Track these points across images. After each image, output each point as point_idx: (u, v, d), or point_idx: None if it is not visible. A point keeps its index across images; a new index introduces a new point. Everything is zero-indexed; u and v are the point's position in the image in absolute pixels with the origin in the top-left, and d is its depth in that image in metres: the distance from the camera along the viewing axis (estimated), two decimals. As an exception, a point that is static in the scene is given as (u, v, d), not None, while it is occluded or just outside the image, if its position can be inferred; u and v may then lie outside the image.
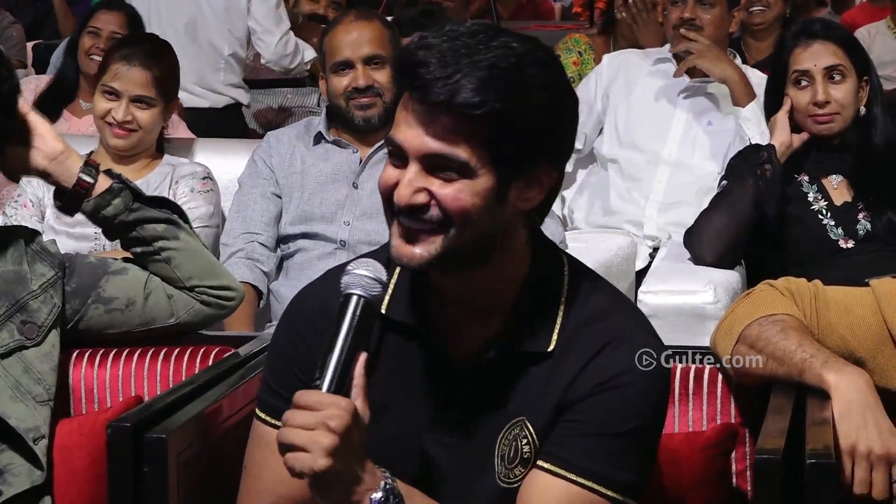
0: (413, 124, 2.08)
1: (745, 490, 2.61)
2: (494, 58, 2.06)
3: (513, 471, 2.19)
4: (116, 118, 4.13)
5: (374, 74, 4.00)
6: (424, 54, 2.06)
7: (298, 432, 1.95)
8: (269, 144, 4.17)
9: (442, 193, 2.08)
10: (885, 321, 2.54)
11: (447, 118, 2.06)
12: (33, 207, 4.14)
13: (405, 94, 2.11)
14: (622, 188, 4.77)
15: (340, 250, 3.92)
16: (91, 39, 5.10)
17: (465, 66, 2.04)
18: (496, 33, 2.11)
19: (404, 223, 2.10)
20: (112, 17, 5.14)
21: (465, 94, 2.03)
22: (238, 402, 2.62)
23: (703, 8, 4.75)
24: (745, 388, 2.60)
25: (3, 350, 2.65)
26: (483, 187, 2.09)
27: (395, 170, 2.11)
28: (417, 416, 2.20)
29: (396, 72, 2.14)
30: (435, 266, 2.11)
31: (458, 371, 2.21)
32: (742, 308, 2.63)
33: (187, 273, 2.84)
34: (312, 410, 1.95)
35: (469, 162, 2.07)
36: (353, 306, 2.01)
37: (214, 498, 2.42)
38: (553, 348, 2.19)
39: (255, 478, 2.28)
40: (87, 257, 2.86)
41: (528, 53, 2.10)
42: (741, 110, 4.52)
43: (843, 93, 3.92)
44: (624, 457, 2.16)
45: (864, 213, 3.91)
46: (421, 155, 2.08)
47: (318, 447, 1.94)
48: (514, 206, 2.13)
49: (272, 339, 2.36)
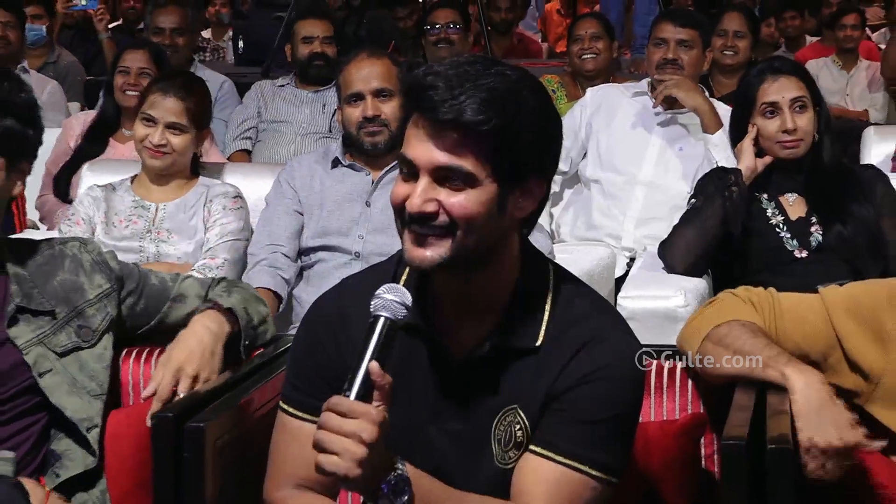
0: (423, 140, 2.10)
1: (713, 471, 2.61)
2: (493, 82, 2.08)
3: (508, 453, 2.20)
4: (153, 142, 4.15)
5: (382, 106, 4.01)
6: (433, 79, 2.08)
7: (333, 438, 1.95)
8: (292, 168, 4.19)
9: (449, 202, 2.09)
10: (833, 327, 2.53)
11: (454, 134, 2.08)
12: (85, 224, 4.14)
13: (415, 115, 2.12)
14: (603, 205, 4.77)
15: (355, 261, 3.93)
16: (122, 77, 5.10)
17: (468, 88, 2.07)
18: (492, 63, 2.14)
19: (416, 230, 2.12)
20: (138, 56, 5.13)
21: (470, 113, 2.06)
22: (266, 395, 2.62)
23: (682, 49, 4.82)
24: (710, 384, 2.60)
25: (61, 350, 2.65)
26: (486, 196, 2.10)
27: (406, 184, 2.13)
28: (421, 406, 2.21)
29: (407, 95, 2.15)
30: (443, 267, 2.12)
31: (456, 365, 2.22)
32: (710, 312, 2.62)
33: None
34: (346, 417, 1.96)
35: (473, 172, 2.09)
36: (381, 327, 2.03)
37: (246, 479, 2.42)
38: (540, 344, 2.20)
39: (279, 462, 2.30)
40: (149, 278, 2.84)
41: (520, 80, 2.13)
42: (710, 137, 4.54)
43: (806, 121, 3.92)
44: (605, 441, 2.18)
45: (817, 227, 3.91)
46: (431, 167, 2.10)
47: (350, 456, 1.95)
48: (510, 215, 2.15)
49: (294, 341, 2.37)
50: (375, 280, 2.21)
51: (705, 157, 4.55)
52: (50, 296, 2.69)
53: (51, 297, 2.68)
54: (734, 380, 2.50)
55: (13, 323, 2.63)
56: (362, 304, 2.12)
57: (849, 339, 2.52)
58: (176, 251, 4.11)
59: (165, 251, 4.11)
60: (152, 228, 4.15)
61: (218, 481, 2.42)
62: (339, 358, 2.21)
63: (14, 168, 2.62)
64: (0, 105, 2.58)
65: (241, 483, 2.45)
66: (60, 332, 2.67)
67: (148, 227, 4.15)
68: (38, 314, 2.66)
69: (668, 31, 4.87)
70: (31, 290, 2.67)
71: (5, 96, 2.59)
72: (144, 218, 4.16)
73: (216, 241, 4.10)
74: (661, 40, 4.86)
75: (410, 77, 2.17)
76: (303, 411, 2.27)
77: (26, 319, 2.64)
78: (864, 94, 7.57)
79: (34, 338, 2.64)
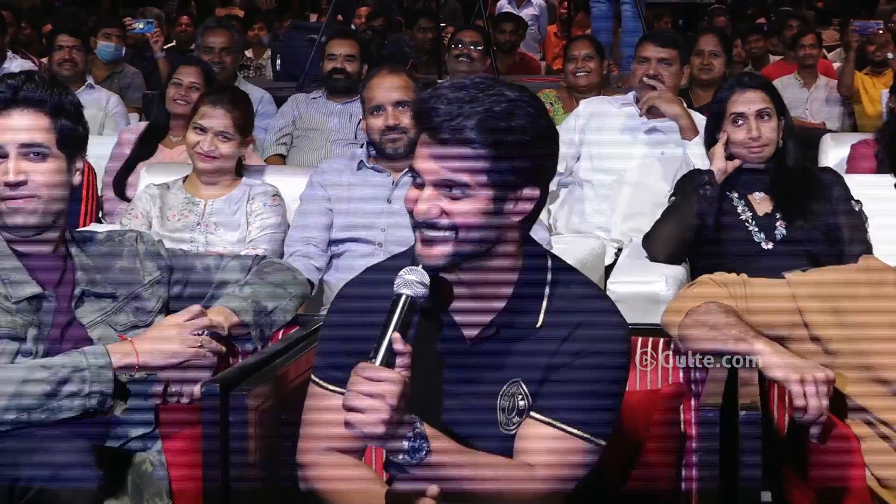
0: (428, 155, 2.11)
1: (691, 434, 2.60)
2: (490, 103, 2.08)
3: (511, 420, 2.20)
4: (203, 148, 4.14)
5: (401, 116, 4.00)
6: (435, 101, 2.09)
7: (360, 399, 1.95)
8: (323, 170, 4.19)
9: (450, 208, 2.10)
10: (797, 307, 2.53)
11: (453, 151, 2.08)
12: (143, 218, 4.15)
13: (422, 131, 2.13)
14: (594, 202, 4.76)
15: (378, 250, 3.92)
16: (175, 88, 5.09)
17: (466, 110, 2.07)
18: (493, 83, 2.13)
19: (423, 231, 2.13)
20: (191, 71, 5.12)
21: (467, 133, 2.06)
22: (300, 368, 2.62)
23: (663, 66, 4.83)
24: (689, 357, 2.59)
25: (121, 328, 2.65)
26: (483, 203, 2.10)
27: (416, 191, 2.14)
28: (436, 380, 2.21)
29: (415, 116, 2.16)
30: (448, 264, 2.13)
31: (467, 344, 2.22)
32: (689, 295, 2.62)
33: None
34: (371, 381, 1.95)
35: (470, 184, 2.09)
36: (403, 303, 2.04)
37: (283, 442, 2.41)
38: (540, 325, 2.20)
39: (311, 427, 2.30)
40: (194, 266, 2.85)
41: (517, 99, 2.11)
42: (688, 143, 4.53)
43: (770, 129, 3.90)
44: (596, 408, 2.18)
45: (781, 221, 3.89)
46: (434, 179, 2.10)
47: (375, 414, 1.94)
48: (507, 217, 2.14)
49: (325, 321, 2.37)
50: (395, 268, 2.21)
51: (683, 160, 4.54)
52: (111, 280, 2.68)
53: (112, 282, 2.68)
54: (710, 353, 2.49)
55: (80, 304, 2.63)
56: (384, 289, 2.13)
57: (811, 317, 2.51)
58: (222, 242, 4.11)
59: (213, 242, 4.11)
60: (201, 222, 4.15)
61: (258, 443, 2.42)
62: (364, 336, 2.19)
63: (72, 161, 2.63)
64: (55, 109, 2.58)
65: (278, 445, 2.45)
66: (120, 313, 2.67)
67: (198, 221, 4.15)
68: (101, 296, 2.65)
69: (651, 51, 4.88)
70: (95, 275, 2.67)
71: (58, 101, 2.59)
72: (195, 213, 4.16)
73: (257, 234, 4.10)
74: (644, 58, 4.87)
75: (418, 99, 2.19)
76: (331, 383, 2.27)
77: (91, 301, 2.64)
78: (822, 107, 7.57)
79: (98, 317, 2.63)
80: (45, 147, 2.56)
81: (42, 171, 2.55)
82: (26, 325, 2.54)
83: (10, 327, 2.52)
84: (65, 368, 2.44)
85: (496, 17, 9.83)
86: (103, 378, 2.47)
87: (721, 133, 3.97)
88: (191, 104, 4.85)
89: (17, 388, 2.40)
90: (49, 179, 2.56)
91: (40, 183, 2.55)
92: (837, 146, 5.15)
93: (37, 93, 2.57)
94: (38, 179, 2.55)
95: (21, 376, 2.41)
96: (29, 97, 2.56)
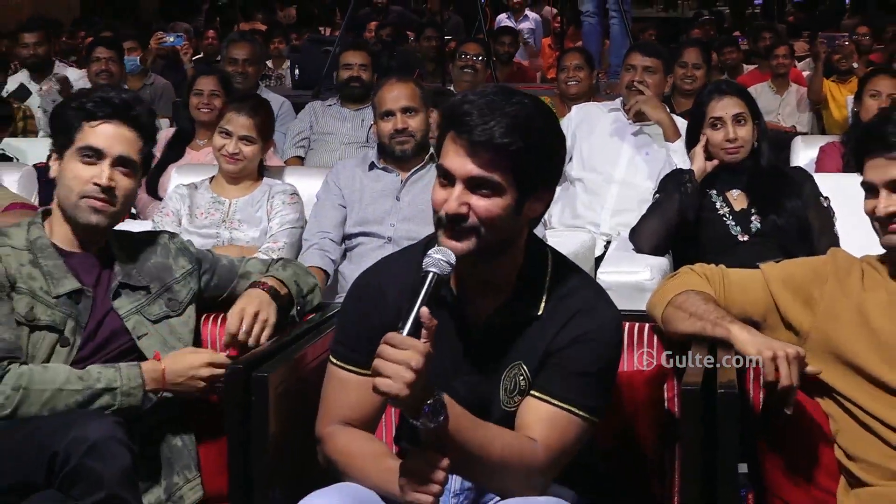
0: (460, 155, 2.09)
1: (674, 411, 2.60)
2: (515, 110, 2.07)
3: (512, 399, 2.20)
4: (228, 151, 4.13)
5: (409, 121, 4.00)
6: (468, 107, 2.08)
7: (388, 365, 1.93)
8: (337, 170, 4.17)
9: (478, 206, 2.09)
10: (771, 295, 2.52)
11: (485, 152, 2.07)
12: (173, 216, 4.13)
13: (452, 133, 2.11)
14: (585, 199, 4.76)
15: (388, 244, 3.91)
16: (196, 98, 5.06)
17: (497, 115, 2.06)
18: (511, 93, 2.13)
19: (450, 227, 2.10)
20: (210, 80, 5.09)
21: (499, 136, 2.05)
22: (317, 350, 2.61)
23: (647, 73, 4.84)
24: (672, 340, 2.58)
25: (154, 318, 2.66)
26: (508, 202, 2.10)
27: (444, 189, 2.12)
28: (447, 362, 2.19)
29: (446, 118, 2.13)
30: (470, 256, 2.11)
31: (474, 330, 2.22)
32: (671, 284, 2.61)
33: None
34: (398, 349, 1.94)
35: (501, 183, 2.08)
36: (430, 279, 2.03)
37: (302, 420, 2.40)
38: (541, 313, 2.19)
39: (328, 404, 2.29)
40: (220, 259, 2.86)
41: (535, 107, 2.12)
42: (671, 145, 4.54)
43: (745, 132, 3.89)
44: (591, 388, 2.18)
45: (756, 217, 3.88)
46: (466, 177, 2.09)
47: (401, 379, 1.93)
48: (524, 216, 2.15)
49: (342, 307, 2.36)
50: (404, 261, 2.23)
51: (667, 160, 4.55)
52: (145, 274, 2.69)
53: (146, 276, 2.69)
54: (691, 337, 2.49)
55: (116, 296, 2.64)
56: (394, 278, 2.15)
57: (783, 304, 2.51)
58: (245, 237, 4.10)
59: (237, 237, 4.10)
60: (226, 219, 4.13)
61: (279, 420, 2.41)
62: (377, 321, 2.20)
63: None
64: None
65: (297, 421, 2.44)
66: (154, 304, 2.67)
67: (223, 218, 4.14)
68: (136, 289, 2.66)
69: (637, 59, 4.90)
70: (131, 270, 2.67)
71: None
72: (220, 210, 4.15)
73: (277, 229, 4.09)
74: (631, 66, 4.89)
75: (449, 103, 2.16)
76: (347, 363, 2.26)
77: (127, 294, 2.65)
78: (793, 113, 7.55)
79: (133, 308, 2.64)
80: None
81: (125, 184, 2.63)
82: (65, 318, 2.55)
83: (49, 320, 2.53)
84: (99, 384, 2.46)
85: (495, 30, 9.83)
86: (133, 398, 2.48)
87: (701, 135, 3.96)
88: (213, 110, 4.84)
89: (52, 395, 2.42)
90: (128, 193, 2.64)
91: (121, 194, 2.62)
92: (807, 147, 5.16)
93: (143, 117, 2.65)
94: (121, 191, 2.62)
95: (58, 384, 2.43)
96: (136, 118, 2.64)
